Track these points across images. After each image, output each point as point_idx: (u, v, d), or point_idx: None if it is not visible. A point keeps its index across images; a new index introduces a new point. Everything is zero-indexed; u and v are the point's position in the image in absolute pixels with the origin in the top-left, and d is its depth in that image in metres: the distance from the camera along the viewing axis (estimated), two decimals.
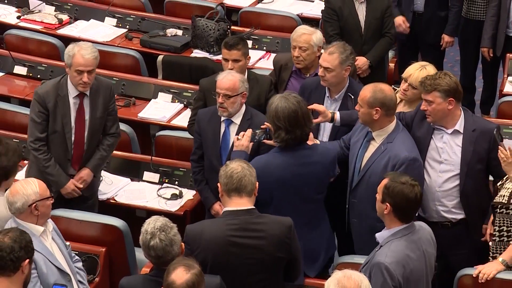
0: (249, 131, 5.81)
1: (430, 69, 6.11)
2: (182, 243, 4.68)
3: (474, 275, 5.38)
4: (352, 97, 6.21)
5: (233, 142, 5.99)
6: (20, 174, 5.99)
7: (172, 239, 4.63)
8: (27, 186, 5.04)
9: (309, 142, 5.72)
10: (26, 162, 6.40)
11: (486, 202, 5.83)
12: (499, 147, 5.54)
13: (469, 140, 5.72)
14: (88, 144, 6.34)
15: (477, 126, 5.75)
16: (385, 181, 4.87)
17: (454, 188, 5.79)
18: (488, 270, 5.40)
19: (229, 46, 6.54)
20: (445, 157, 5.77)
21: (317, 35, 6.82)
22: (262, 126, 5.85)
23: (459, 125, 5.76)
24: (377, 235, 4.88)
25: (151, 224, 4.67)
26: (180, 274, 4.22)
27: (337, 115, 6.16)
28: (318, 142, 5.97)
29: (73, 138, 6.29)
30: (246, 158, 5.64)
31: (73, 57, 6.13)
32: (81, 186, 6.36)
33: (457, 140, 5.76)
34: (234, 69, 6.47)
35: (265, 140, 5.83)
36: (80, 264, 5.37)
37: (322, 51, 6.64)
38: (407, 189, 4.80)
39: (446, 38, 8.42)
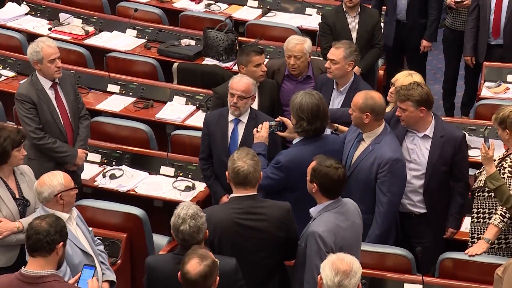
0: (266, 123, 5.85)
1: (416, 77, 6.14)
2: (207, 230, 4.68)
3: (465, 253, 5.43)
4: None
5: (242, 137, 6.05)
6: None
7: (200, 227, 4.59)
8: (53, 178, 5.05)
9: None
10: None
11: (447, 200, 5.87)
12: (482, 143, 5.53)
13: (437, 145, 5.74)
14: (74, 124, 6.42)
15: (445, 133, 5.77)
16: (313, 164, 4.91)
17: (419, 186, 5.82)
18: (476, 249, 5.44)
19: (259, 52, 6.59)
20: (414, 157, 5.80)
21: (308, 43, 6.89)
22: (276, 119, 5.91)
23: (430, 131, 5.78)
24: (311, 209, 4.92)
25: (184, 210, 4.61)
26: (194, 265, 4.23)
27: None
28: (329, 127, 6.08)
29: (62, 123, 6.34)
30: (265, 148, 5.74)
31: (42, 51, 6.20)
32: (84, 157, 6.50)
33: (426, 144, 5.78)
34: (265, 71, 6.57)
35: (278, 132, 5.88)
36: (101, 247, 5.38)
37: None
38: (331, 172, 4.84)
39: (424, 43, 8.41)
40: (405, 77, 6.16)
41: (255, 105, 6.39)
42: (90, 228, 5.34)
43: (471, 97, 8.71)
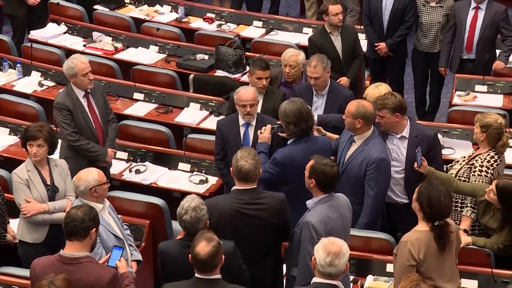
0: (269, 126, 5.85)
1: (382, 89, 6.11)
2: (208, 221, 4.69)
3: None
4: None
5: (253, 138, 6.03)
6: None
7: (200, 218, 4.63)
8: (88, 174, 5.07)
9: (315, 133, 5.82)
10: None
11: None
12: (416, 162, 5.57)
13: (413, 144, 5.75)
14: (104, 127, 6.42)
15: (419, 133, 5.79)
16: (311, 162, 4.90)
17: (400, 179, 5.82)
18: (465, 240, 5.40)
19: (263, 68, 6.54)
20: (395, 155, 5.81)
21: (302, 56, 6.91)
22: (277, 122, 5.89)
23: (406, 132, 5.79)
24: (307, 202, 4.91)
25: (187, 202, 4.66)
26: (203, 247, 4.25)
27: (315, 117, 6.19)
28: (318, 133, 6.02)
29: (94, 126, 6.34)
30: (267, 147, 5.77)
31: (76, 67, 6.20)
32: (113, 155, 6.51)
33: (404, 143, 5.80)
34: (265, 85, 6.53)
35: (279, 133, 5.87)
36: (128, 231, 5.41)
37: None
38: (327, 169, 4.83)
39: (382, 45, 8.28)
40: (373, 90, 6.15)
41: (258, 109, 6.38)
42: (119, 216, 5.36)
43: (435, 107, 8.73)
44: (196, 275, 4.31)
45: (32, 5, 9.24)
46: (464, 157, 5.83)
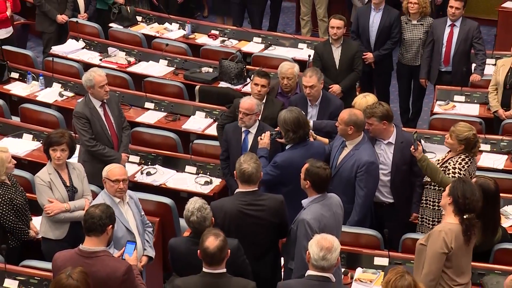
0: (268, 132, 5.85)
1: (369, 99, 6.14)
2: (213, 218, 4.71)
3: None
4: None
5: (251, 144, 6.05)
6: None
7: (205, 216, 4.66)
8: (109, 166, 5.20)
9: (311, 138, 5.82)
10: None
11: (409, 191, 5.88)
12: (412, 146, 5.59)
13: (398, 149, 5.78)
14: (118, 134, 6.43)
15: (404, 139, 5.81)
16: (306, 165, 4.91)
17: (387, 181, 5.84)
18: None
19: (261, 75, 6.58)
20: (382, 159, 5.83)
21: (296, 67, 6.94)
22: (276, 129, 5.89)
23: (392, 138, 5.81)
24: (303, 201, 4.93)
25: (191, 205, 4.69)
26: (211, 241, 4.27)
27: (311, 123, 6.21)
28: (313, 138, 6.01)
29: (109, 133, 6.36)
30: (267, 152, 5.77)
31: (94, 79, 6.21)
32: (126, 159, 6.51)
33: (390, 149, 5.82)
34: (261, 92, 6.50)
35: (278, 139, 5.88)
36: (150, 229, 5.43)
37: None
38: (321, 171, 4.85)
39: (369, 55, 8.30)
40: (361, 100, 6.17)
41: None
42: (143, 213, 5.37)
43: (416, 115, 8.76)
44: (204, 269, 4.31)
45: (61, 23, 9.32)
46: (438, 160, 5.86)
